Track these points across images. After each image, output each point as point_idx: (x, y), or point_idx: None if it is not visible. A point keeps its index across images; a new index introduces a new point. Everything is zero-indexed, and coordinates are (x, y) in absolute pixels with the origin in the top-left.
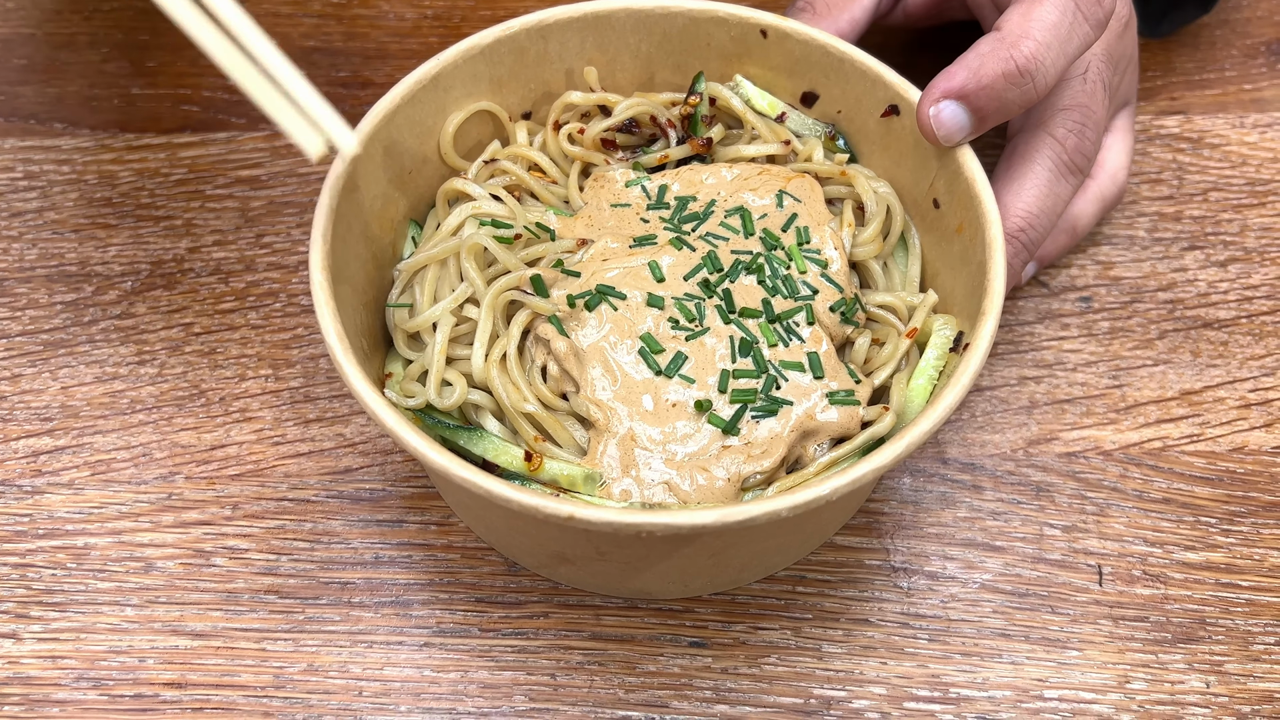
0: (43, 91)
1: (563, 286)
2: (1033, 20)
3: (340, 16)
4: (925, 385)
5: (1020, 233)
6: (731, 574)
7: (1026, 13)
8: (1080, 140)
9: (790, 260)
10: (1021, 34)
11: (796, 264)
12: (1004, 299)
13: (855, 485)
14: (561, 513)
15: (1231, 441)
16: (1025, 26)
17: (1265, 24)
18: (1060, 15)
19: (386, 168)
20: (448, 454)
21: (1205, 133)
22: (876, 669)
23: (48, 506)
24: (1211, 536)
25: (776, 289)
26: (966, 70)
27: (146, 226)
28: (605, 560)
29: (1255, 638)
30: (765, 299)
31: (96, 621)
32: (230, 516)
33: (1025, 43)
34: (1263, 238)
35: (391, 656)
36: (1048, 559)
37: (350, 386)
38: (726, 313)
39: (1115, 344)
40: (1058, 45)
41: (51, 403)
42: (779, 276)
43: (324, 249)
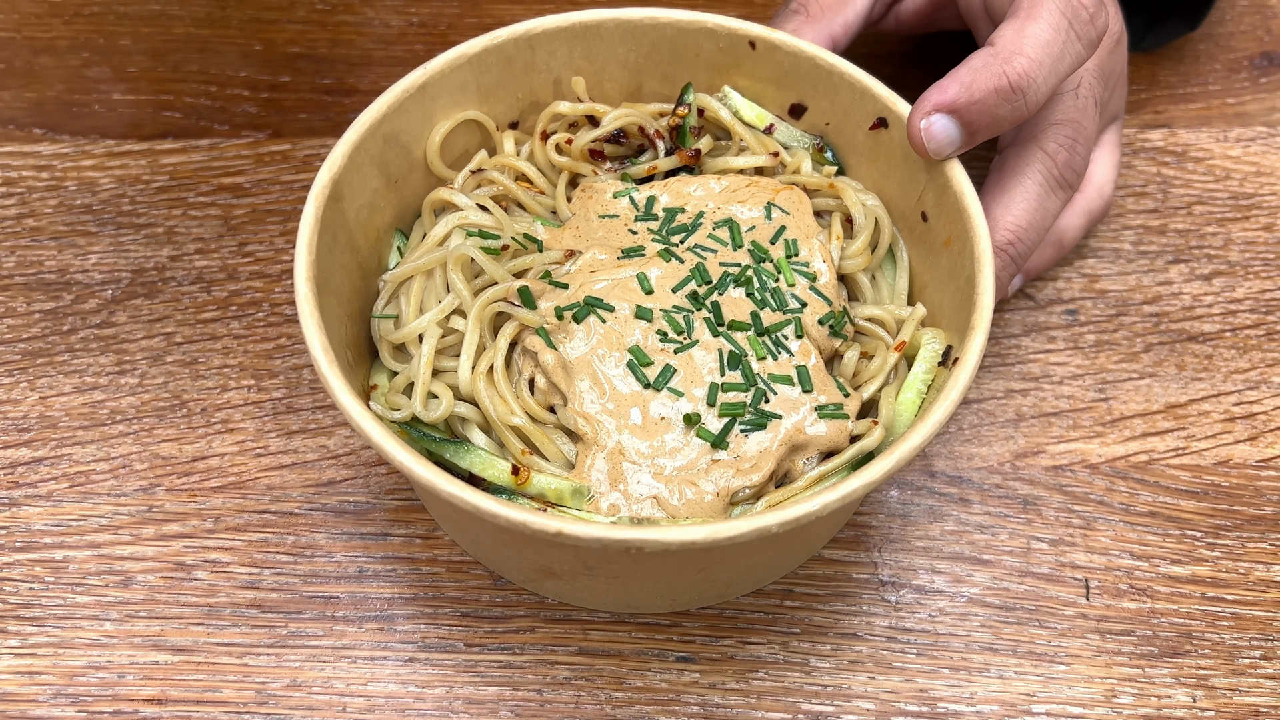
0: (21, 96)
1: (550, 298)
2: (1026, 37)
3: (325, 23)
4: (914, 399)
5: (1009, 246)
6: (719, 588)
7: (1020, 29)
8: (1071, 155)
9: (779, 273)
10: (1015, 50)
11: (785, 276)
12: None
13: (845, 501)
14: (549, 528)
15: (1216, 455)
16: (1019, 43)
17: (1248, 39)
18: (1054, 33)
19: (373, 177)
20: (434, 468)
21: (1189, 146)
22: (864, 683)
23: (25, 519)
24: (1197, 550)
25: (765, 301)
26: (959, 84)
27: (127, 234)
28: (593, 575)
29: (1241, 652)
30: (754, 311)
31: (75, 636)
32: (212, 529)
33: (1018, 59)
34: (1246, 251)
35: (376, 672)
36: (1035, 572)
37: (336, 399)
38: (715, 325)
39: (1101, 357)
40: (1050, 63)
41: (29, 413)
42: (767, 289)
43: (309, 259)
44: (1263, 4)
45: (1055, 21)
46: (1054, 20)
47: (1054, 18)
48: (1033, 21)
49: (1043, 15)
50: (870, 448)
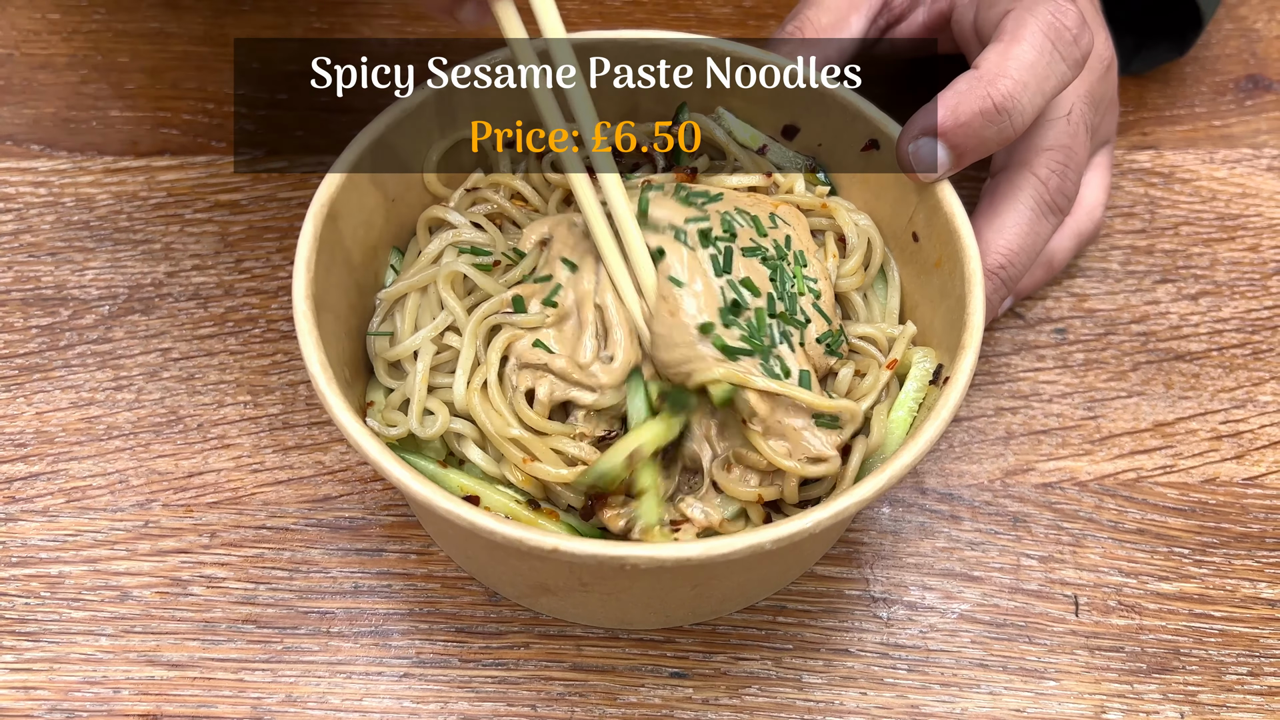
0: (19, 112)
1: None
2: (1010, 59)
3: (323, 41)
4: (905, 417)
5: (1000, 269)
6: (713, 604)
7: (1004, 51)
8: (1062, 181)
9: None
10: (999, 72)
11: (798, 285)
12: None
13: (838, 518)
14: (545, 545)
15: (1204, 473)
16: (1003, 65)
17: (1234, 61)
18: (1038, 55)
19: (370, 195)
20: (431, 485)
21: (1176, 168)
22: (856, 699)
23: (21, 534)
24: (1185, 567)
25: (783, 297)
26: (944, 108)
27: (124, 250)
28: (587, 591)
29: (1228, 668)
30: (771, 294)
31: (70, 651)
32: (208, 545)
33: (1002, 81)
34: (1232, 271)
35: (371, 687)
36: (1025, 589)
37: (335, 418)
38: (720, 267)
39: (1090, 375)
40: (1035, 84)
41: (26, 428)
42: (786, 288)
43: (308, 277)
44: (1248, 28)
45: (1039, 43)
46: (1037, 42)
47: (1037, 40)
48: (1016, 44)
49: (1026, 38)
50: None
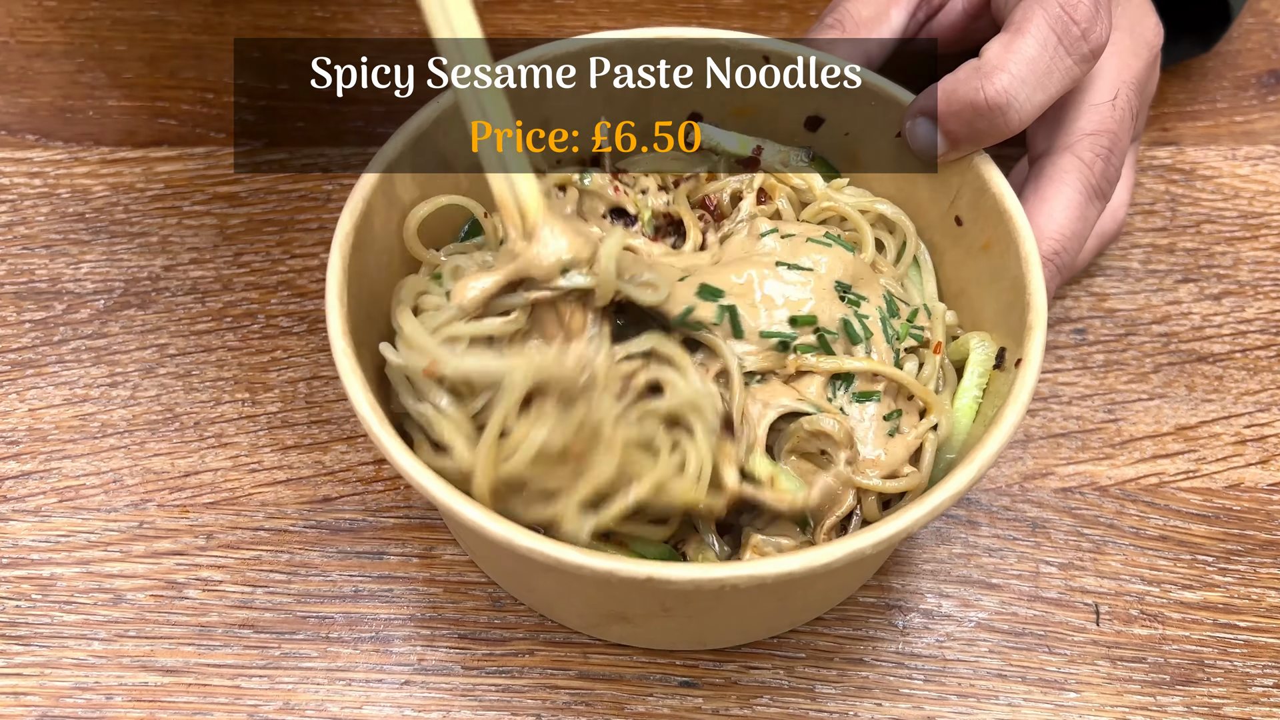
0: (14, 101)
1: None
2: (1012, 53)
3: (324, 30)
4: (970, 405)
5: (1054, 256)
6: (792, 616)
7: (1008, 44)
8: (1106, 165)
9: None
10: (998, 66)
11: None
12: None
13: (935, 514)
14: (639, 574)
15: (1228, 478)
16: (1004, 58)
17: (1255, 56)
18: (1040, 49)
19: (390, 219)
20: (508, 524)
21: (1197, 164)
22: (871, 710)
23: (12, 534)
24: (1209, 575)
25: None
26: (941, 92)
27: (121, 243)
28: (669, 616)
29: (1254, 680)
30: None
31: (62, 656)
32: (204, 546)
33: (999, 75)
34: (1255, 271)
35: (371, 695)
36: (1044, 597)
37: (394, 461)
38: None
39: (1110, 377)
40: (1034, 80)
41: (18, 425)
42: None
43: (341, 312)
44: (1270, 22)
45: (1043, 37)
46: (1042, 36)
47: (1042, 34)
48: (1020, 37)
49: (1030, 31)
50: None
